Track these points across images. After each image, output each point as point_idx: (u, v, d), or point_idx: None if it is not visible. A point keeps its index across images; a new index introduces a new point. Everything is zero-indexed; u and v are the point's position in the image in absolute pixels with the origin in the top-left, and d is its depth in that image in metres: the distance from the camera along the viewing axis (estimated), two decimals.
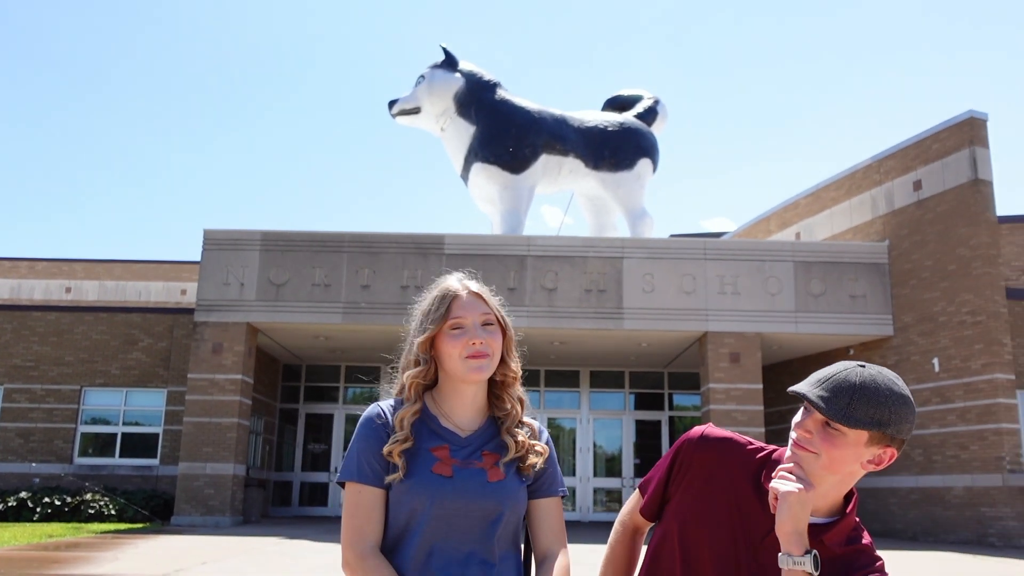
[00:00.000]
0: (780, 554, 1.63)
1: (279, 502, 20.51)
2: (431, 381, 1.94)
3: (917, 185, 16.31)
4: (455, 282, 1.93)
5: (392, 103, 18.35)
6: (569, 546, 1.93)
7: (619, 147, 18.58)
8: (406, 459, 1.82)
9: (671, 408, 20.79)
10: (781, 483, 1.64)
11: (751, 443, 1.83)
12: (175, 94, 78.16)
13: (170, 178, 79.28)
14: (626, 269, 16.41)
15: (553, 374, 20.52)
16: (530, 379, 20.82)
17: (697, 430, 1.85)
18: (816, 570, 1.59)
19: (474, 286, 1.93)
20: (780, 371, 19.50)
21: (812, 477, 1.66)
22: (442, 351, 1.88)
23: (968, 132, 15.56)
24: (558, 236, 17.17)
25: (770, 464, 1.78)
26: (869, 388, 1.63)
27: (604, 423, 20.63)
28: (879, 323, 16.41)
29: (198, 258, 16.70)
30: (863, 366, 1.69)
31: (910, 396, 1.67)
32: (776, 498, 1.66)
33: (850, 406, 1.62)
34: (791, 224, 19.93)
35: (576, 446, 20.27)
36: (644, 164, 18.89)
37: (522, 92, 19.44)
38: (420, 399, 1.92)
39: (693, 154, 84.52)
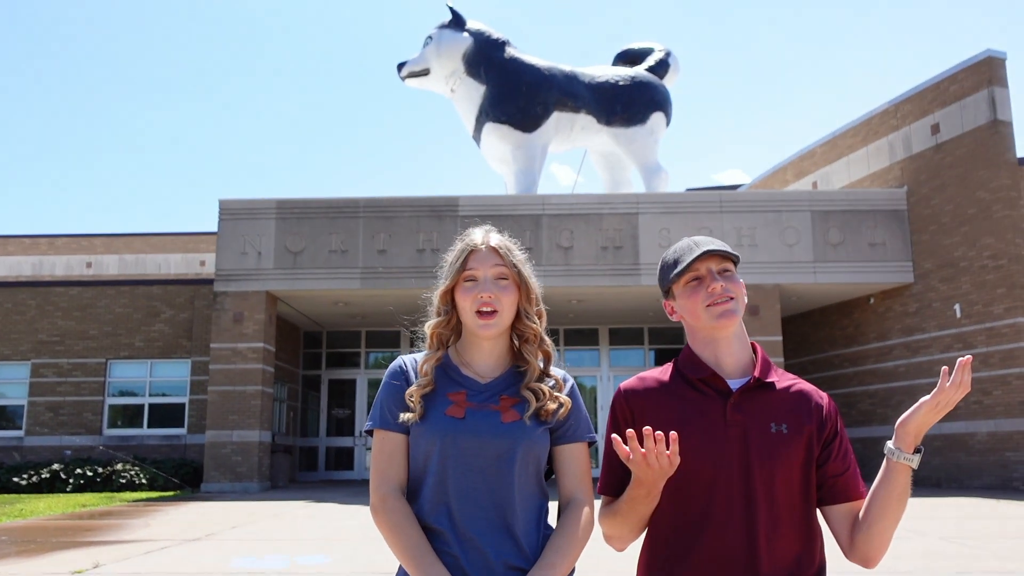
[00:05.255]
0: (890, 445, 1.81)
1: (306, 467, 20.82)
2: (454, 332, 1.99)
3: (935, 129, 16.06)
4: (478, 236, 1.97)
5: (401, 65, 18.22)
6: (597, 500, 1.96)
7: (631, 101, 18.38)
8: (424, 403, 1.88)
9: None
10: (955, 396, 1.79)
11: (659, 369, 2.03)
12: (187, 64, 78.13)
13: (186, 149, 79.60)
14: (642, 225, 16.34)
15: (572, 332, 20.57)
16: (550, 338, 20.87)
17: (616, 392, 2.02)
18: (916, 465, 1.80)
19: (494, 240, 1.96)
20: (800, 322, 19.45)
21: (738, 321, 1.91)
22: (458, 303, 1.93)
23: (986, 72, 15.26)
24: (573, 194, 17.09)
25: (685, 360, 1.97)
26: (707, 236, 1.98)
27: (625, 380, 20.70)
28: (899, 270, 16.28)
29: (215, 229, 16.77)
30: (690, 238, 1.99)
31: None
32: (933, 406, 1.79)
33: (726, 246, 1.93)
34: (808, 173, 19.73)
35: (598, 404, 20.38)
36: (657, 118, 18.70)
37: (531, 50, 19.27)
38: (442, 348, 1.97)
39: (703, 106, 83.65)
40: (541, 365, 1.97)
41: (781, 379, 1.94)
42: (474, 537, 1.79)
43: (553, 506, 1.94)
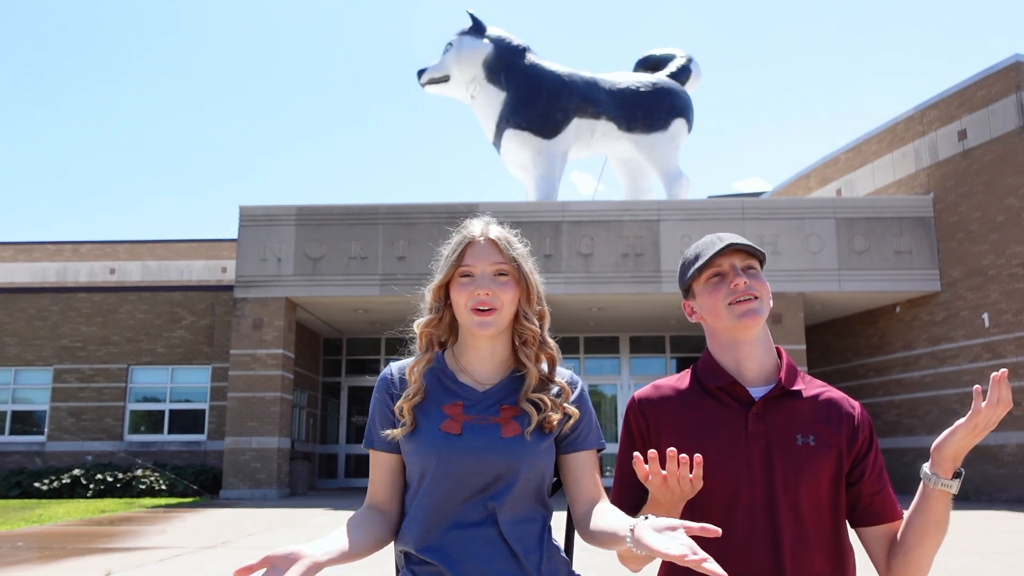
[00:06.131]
0: (926, 470, 1.67)
1: (325, 474, 20.78)
2: (447, 332, 1.86)
3: (962, 135, 15.80)
4: (477, 227, 1.83)
5: (421, 72, 18.21)
6: None
7: (652, 108, 18.25)
8: (417, 416, 1.75)
9: None
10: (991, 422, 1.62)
11: (676, 377, 1.92)
12: (209, 72, 78.88)
13: (208, 156, 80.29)
14: (663, 232, 16.18)
15: (592, 340, 20.41)
16: (569, 346, 20.82)
17: (630, 401, 1.90)
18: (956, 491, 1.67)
19: (494, 232, 1.81)
20: (823, 331, 19.18)
21: (761, 323, 1.79)
22: (453, 300, 1.80)
23: (1014, 77, 14.99)
24: (593, 201, 16.98)
25: (704, 367, 1.84)
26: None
27: (639, 388, 20.49)
28: (926, 279, 16.00)
29: (236, 235, 16.81)
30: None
31: None
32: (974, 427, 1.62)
33: (752, 245, 1.81)
34: (832, 180, 19.48)
35: (618, 412, 20.19)
36: (678, 124, 18.55)
37: (551, 57, 19.19)
38: (432, 349, 1.84)
39: (723, 114, 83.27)
40: (545, 369, 1.82)
41: (808, 387, 1.81)
42: (473, 558, 1.67)
43: (557, 519, 1.81)
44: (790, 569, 1.67)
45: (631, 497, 1.79)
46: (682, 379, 1.88)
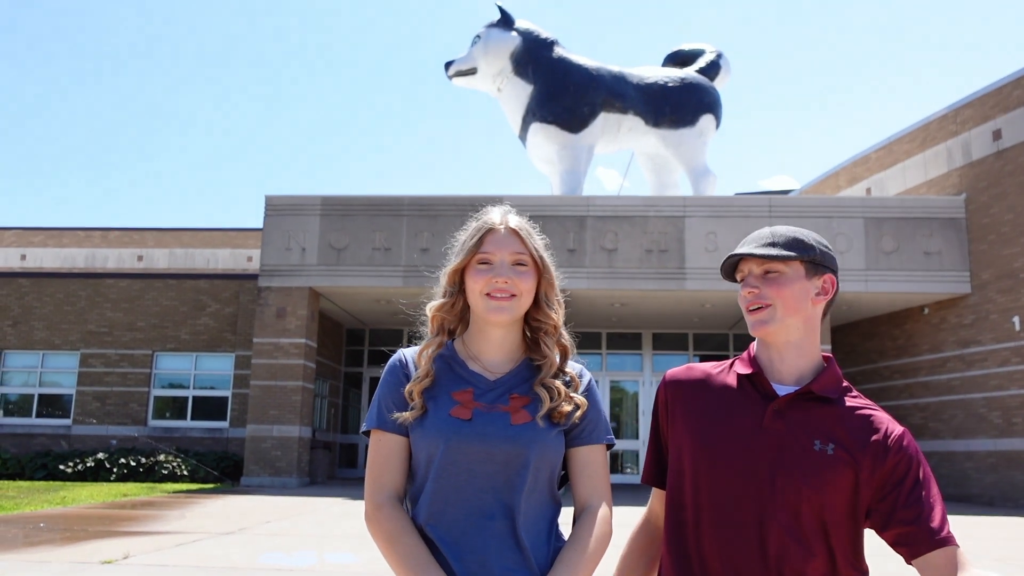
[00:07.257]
0: None
1: (345, 464, 20.88)
2: (458, 319, 1.84)
3: (996, 135, 15.51)
4: (496, 215, 1.82)
5: (448, 64, 18.18)
6: (626, 508, 1.79)
7: (680, 103, 18.09)
8: (426, 401, 1.73)
9: None
10: None
11: (719, 363, 1.89)
12: (236, 64, 79.42)
13: (235, 147, 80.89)
14: (688, 228, 16.05)
15: (615, 336, 20.31)
16: (592, 341, 20.72)
17: (662, 378, 1.90)
18: None
19: (514, 221, 1.81)
20: (849, 332, 18.96)
21: (782, 329, 1.73)
22: (468, 286, 1.78)
23: None
24: (618, 196, 16.87)
25: (744, 355, 1.82)
26: (779, 227, 1.80)
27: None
28: (955, 280, 15.76)
29: (262, 225, 16.91)
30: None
31: None
32: None
33: (774, 244, 1.75)
34: (861, 179, 19.23)
35: (639, 409, 20.10)
36: (706, 120, 18.38)
37: (580, 50, 19.07)
38: (443, 334, 1.83)
39: (752, 111, 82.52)
40: (557, 359, 1.80)
41: (849, 399, 1.73)
42: (477, 549, 1.64)
43: (566, 513, 1.78)
44: (774, 567, 1.62)
45: (659, 469, 1.85)
46: (720, 366, 1.87)
